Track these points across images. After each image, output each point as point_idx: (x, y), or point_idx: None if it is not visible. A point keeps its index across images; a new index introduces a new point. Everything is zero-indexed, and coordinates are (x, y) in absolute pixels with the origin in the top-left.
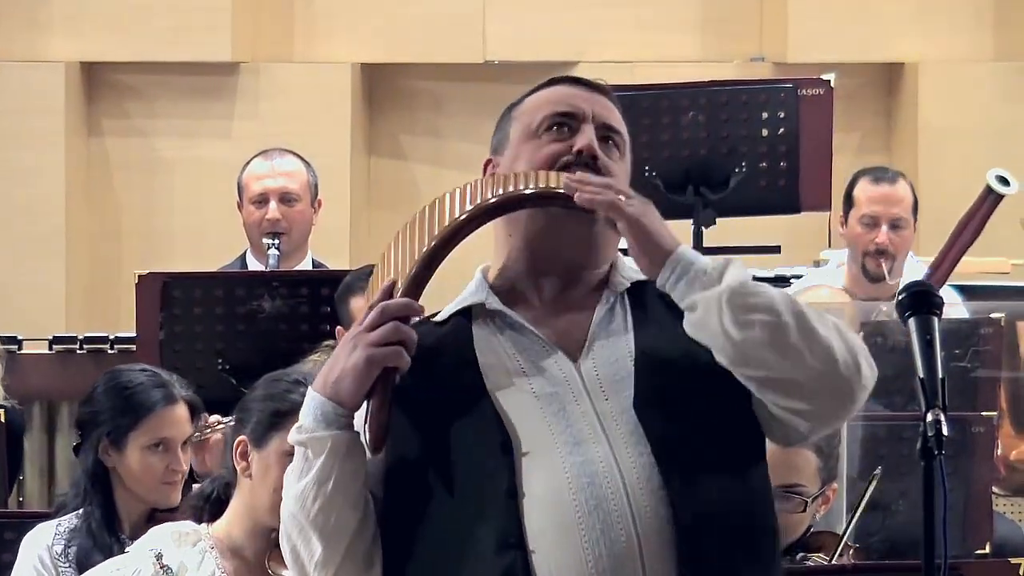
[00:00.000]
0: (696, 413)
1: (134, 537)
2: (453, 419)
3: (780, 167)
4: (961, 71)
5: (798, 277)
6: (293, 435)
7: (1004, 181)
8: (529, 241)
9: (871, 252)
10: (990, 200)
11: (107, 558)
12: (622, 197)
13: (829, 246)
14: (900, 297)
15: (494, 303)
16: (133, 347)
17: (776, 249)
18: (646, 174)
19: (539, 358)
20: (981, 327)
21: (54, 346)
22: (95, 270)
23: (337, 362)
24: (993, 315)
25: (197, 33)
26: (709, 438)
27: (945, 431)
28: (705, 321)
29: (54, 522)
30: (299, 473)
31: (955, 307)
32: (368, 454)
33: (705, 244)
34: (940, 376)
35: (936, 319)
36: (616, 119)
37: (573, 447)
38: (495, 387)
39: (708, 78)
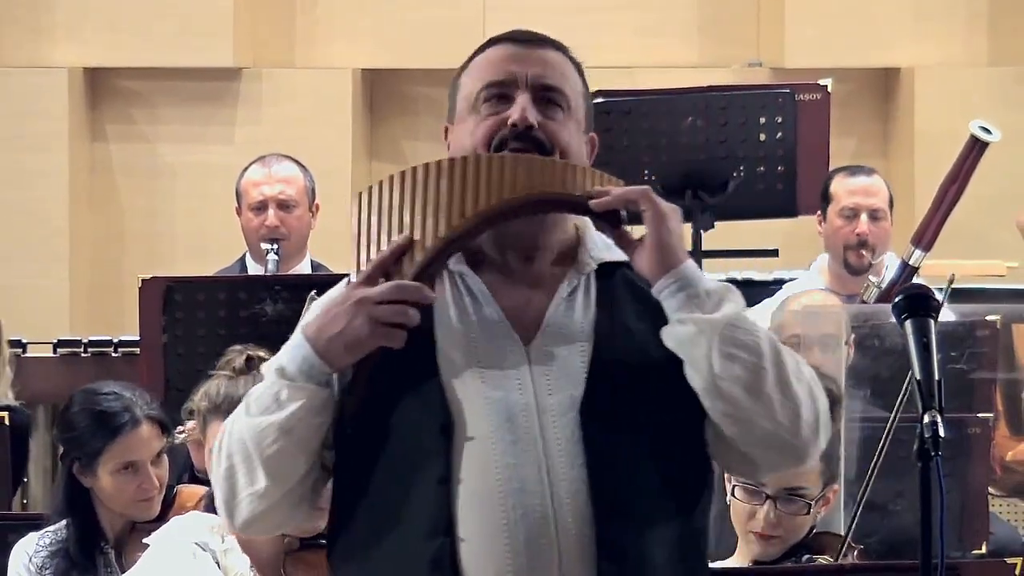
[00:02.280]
0: (642, 427)
1: (118, 546)
2: (401, 385)
3: (778, 171)
4: (957, 76)
5: (795, 280)
6: (271, 372)
7: (987, 131)
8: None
9: (852, 245)
10: (976, 150)
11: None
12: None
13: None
14: (897, 300)
15: (459, 264)
16: (137, 350)
17: (774, 252)
18: (645, 178)
19: (493, 333)
20: (977, 329)
21: (58, 349)
22: (98, 274)
23: (337, 319)
24: (989, 317)
25: (199, 39)
26: (650, 458)
27: (942, 433)
28: (693, 341)
29: (39, 533)
30: (264, 407)
31: None
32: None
33: (704, 248)
34: (937, 378)
35: (933, 321)
36: (556, 75)
37: (509, 445)
38: (446, 359)
39: (706, 83)
